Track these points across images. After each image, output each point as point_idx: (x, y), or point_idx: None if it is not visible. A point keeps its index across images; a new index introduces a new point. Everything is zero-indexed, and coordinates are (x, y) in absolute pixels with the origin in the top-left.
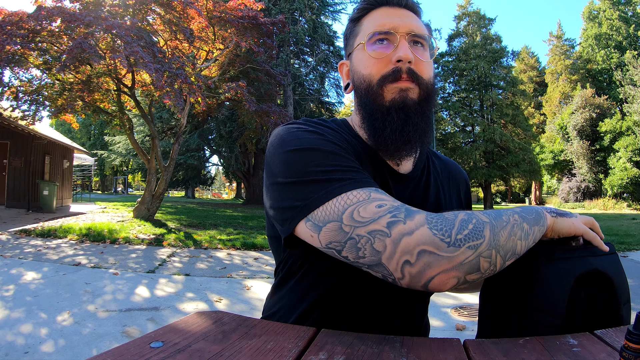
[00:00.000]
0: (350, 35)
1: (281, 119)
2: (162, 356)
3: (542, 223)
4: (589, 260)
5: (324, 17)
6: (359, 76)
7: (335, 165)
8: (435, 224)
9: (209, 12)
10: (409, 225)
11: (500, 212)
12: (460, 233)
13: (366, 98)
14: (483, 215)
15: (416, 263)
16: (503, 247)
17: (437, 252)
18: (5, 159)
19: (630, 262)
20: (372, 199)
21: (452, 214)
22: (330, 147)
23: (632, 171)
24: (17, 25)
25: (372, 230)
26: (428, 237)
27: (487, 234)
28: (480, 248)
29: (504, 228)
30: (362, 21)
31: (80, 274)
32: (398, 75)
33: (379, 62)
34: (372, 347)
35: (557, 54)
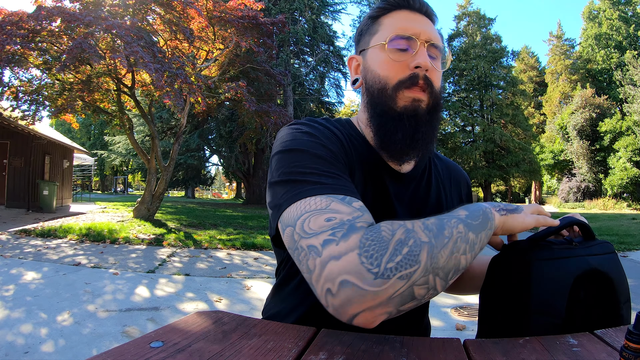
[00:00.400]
0: (366, 31)
1: (281, 119)
2: (162, 356)
3: (489, 226)
4: (588, 260)
5: (324, 17)
6: (373, 75)
7: (315, 168)
8: (367, 249)
9: (209, 12)
10: (340, 247)
11: (443, 224)
12: (392, 260)
13: (378, 99)
14: (423, 232)
15: (337, 295)
16: (443, 269)
17: (360, 285)
18: (5, 159)
19: (630, 262)
20: (327, 210)
21: (390, 231)
22: (318, 150)
23: (632, 171)
24: (17, 25)
25: (310, 246)
26: (353, 266)
27: (424, 258)
28: (414, 277)
29: (444, 247)
30: (381, 20)
31: (80, 274)
32: (415, 81)
33: (397, 66)
34: (372, 347)
35: (557, 54)
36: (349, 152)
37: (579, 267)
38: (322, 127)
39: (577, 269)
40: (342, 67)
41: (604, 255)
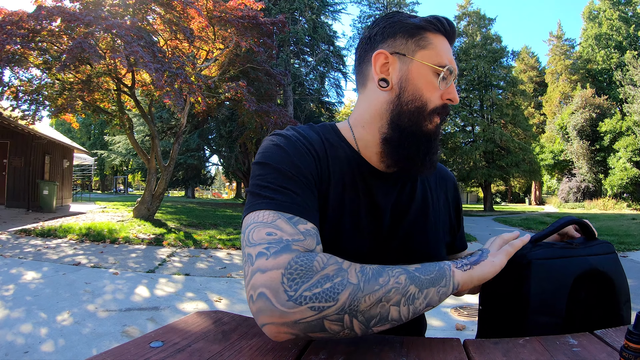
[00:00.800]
0: (409, 38)
1: (281, 118)
2: (162, 356)
3: (443, 283)
4: (588, 260)
5: (324, 17)
6: (415, 92)
7: (272, 183)
8: (292, 272)
9: (209, 11)
10: (269, 262)
11: (382, 271)
12: (310, 290)
13: (412, 116)
14: (357, 273)
15: (255, 303)
16: (364, 313)
17: (272, 302)
18: (5, 158)
19: (630, 262)
20: (271, 224)
21: (322, 263)
22: (282, 165)
23: (632, 171)
24: (17, 24)
25: (249, 254)
26: (274, 283)
27: (344, 297)
28: (327, 311)
29: (372, 293)
30: (429, 36)
31: (80, 273)
32: (446, 111)
33: (437, 92)
34: (372, 347)
35: (557, 54)
36: (324, 162)
37: (579, 267)
38: (297, 138)
39: (577, 269)
40: (342, 67)
41: (604, 255)
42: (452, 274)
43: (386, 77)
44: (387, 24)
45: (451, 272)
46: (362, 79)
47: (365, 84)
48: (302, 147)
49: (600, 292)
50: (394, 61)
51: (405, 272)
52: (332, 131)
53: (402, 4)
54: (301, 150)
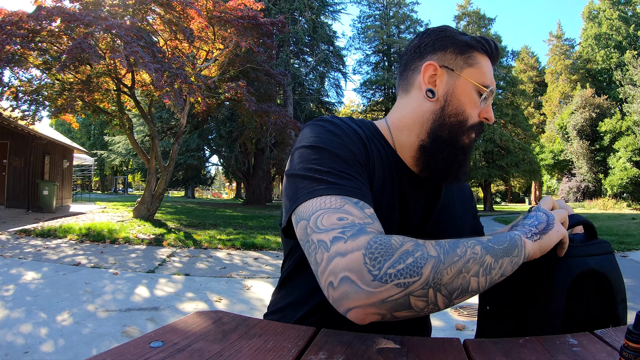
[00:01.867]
0: (459, 54)
1: (281, 118)
2: (162, 356)
3: (516, 253)
4: (586, 261)
5: (324, 17)
6: (459, 107)
7: (333, 168)
8: (373, 251)
9: (208, 12)
10: (348, 245)
11: (458, 243)
12: (394, 267)
13: (453, 128)
14: (434, 247)
15: (337, 288)
16: (447, 286)
17: (358, 284)
18: (5, 158)
19: (630, 262)
20: (341, 210)
21: (399, 240)
22: (339, 150)
23: (631, 171)
24: (16, 25)
25: (320, 240)
26: (356, 264)
27: (427, 271)
28: (412, 287)
29: (453, 264)
30: (476, 56)
31: (80, 273)
32: (481, 129)
33: (476, 110)
34: (372, 347)
35: (557, 53)
36: (370, 152)
37: (577, 267)
38: (346, 126)
39: (575, 269)
40: (341, 67)
41: (601, 255)
42: (523, 245)
43: (433, 88)
44: (438, 36)
45: (522, 243)
46: (406, 84)
47: (409, 90)
48: (353, 134)
49: (597, 291)
50: (442, 74)
51: (479, 243)
52: (372, 127)
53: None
54: (353, 137)
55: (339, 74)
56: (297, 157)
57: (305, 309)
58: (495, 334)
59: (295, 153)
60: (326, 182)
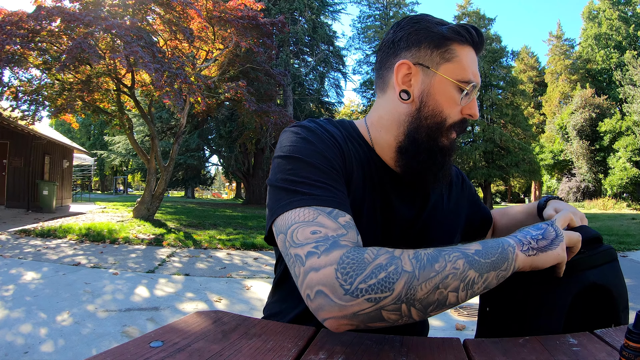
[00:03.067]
0: (434, 48)
1: (281, 118)
2: (161, 355)
3: (504, 267)
4: (587, 275)
5: (324, 17)
6: (436, 106)
7: (307, 178)
8: (345, 266)
9: (208, 12)
10: (321, 260)
11: (439, 256)
12: (365, 282)
13: (429, 130)
14: (410, 260)
15: (313, 301)
16: (421, 301)
17: (331, 297)
18: (5, 158)
19: (630, 262)
20: (314, 222)
21: (373, 254)
22: (312, 159)
23: (631, 171)
24: (16, 25)
25: (297, 255)
26: (329, 279)
27: (399, 287)
28: (384, 302)
29: (428, 280)
30: (455, 48)
31: (80, 273)
32: (464, 127)
33: (457, 107)
34: (372, 347)
35: (556, 54)
36: (348, 155)
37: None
38: (321, 131)
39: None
40: (341, 67)
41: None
42: (514, 258)
43: (408, 89)
44: (412, 30)
45: (514, 256)
46: (382, 83)
47: (385, 89)
48: (328, 139)
49: (599, 301)
50: (417, 72)
51: (463, 256)
52: (350, 127)
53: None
54: (327, 142)
55: (338, 74)
56: (275, 168)
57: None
58: (494, 335)
59: (273, 162)
60: (300, 193)
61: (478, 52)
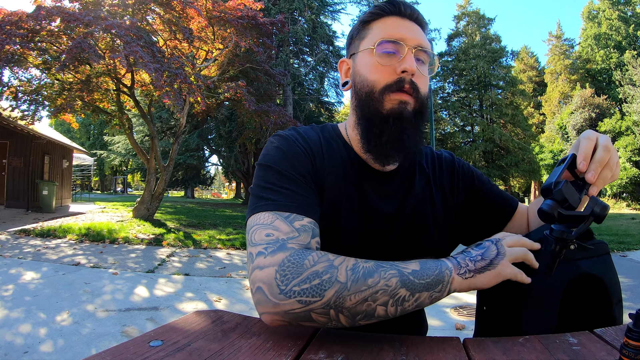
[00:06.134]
0: (356, 36)
1: (280, 118)
2: (161, 355)
3: (439, 289)
4: (580, 265)
5: (324, 17)
6: (361, 79)
7: (273, 184)
8: (285, 268)
9: (208, 11)
10: (266, 261)
11: (374, 272)
12: (299, 285)
13: (366, 102)
14: (347, 271)
15: (254, 295)
16: (349, 310)
17: (267, 295)
18: (5, 158)
19: (630, 262)
20: (270, 226)
21: (312, 260)
22: (280, 166)
23: (631, 171)
24: (16, 25)
25: (250, 253)
26: (268, 279)
27: (329, 294)
28: (313, 305)
29: (359, 292)
30: (371, 25)
31: (80, 273)
32: (401, 85)
33: (384, 70)
34: (372, 346)
35: (556, 53)
36: (323, 158)
37: (571, 272)
38: (295, 138)
39: (569, 274)
40: None
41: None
42: (450, 281)
43: (348, 79)
44: (349, 33)
45: (450, 279)
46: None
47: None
48: (299, 146)
49: (593, 293)
50: (350, 63)
51: (398, 275)
52: (332, 130)
53: None
54: (297, 149)
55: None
56: (254, 175)
57: None
58: (492, 334)
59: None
60: (265, 199)
61: (404, 16)
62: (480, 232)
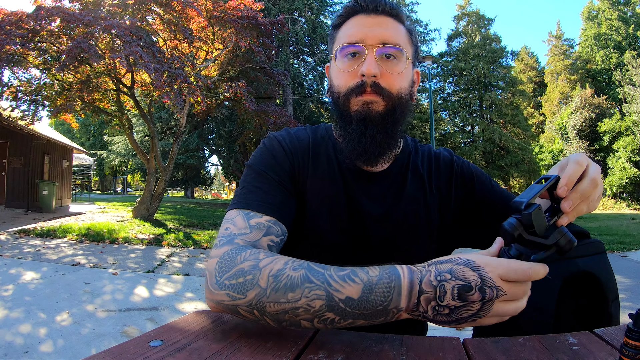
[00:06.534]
0: (330, 41)
1: (280, 118)
2: (161, 355)
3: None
4: (575, 262)
5: (324, 17)
6: (331, 84)
7: (249, 183)
8: (222, 261)
9: (208, 12)
10: (214, 252)
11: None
12: (229, 280)
13: (335, 106)
14: (269, 277)
15: (204, 280)
16: (273, 315)
17: (208, 282)
18: (5, 158)
19: (630, 262)
20: (231, 221)
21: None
22: (259, 166)
23: (631, 171)
24: (16, 25)
25: (214, 243)
26: (211, 268)
27: (251, 296)
28: (239, 302)
29: (277, 303)
30: (340, 29)
31: (80, 273)
32: (363, 89)
33: (347, 75)
34: (372, 346)
35: (556, 54)
36: (304, 159)
37: (567, 269)
38: (281, 138)
39: (565, 271)
40: None
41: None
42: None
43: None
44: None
45: (396, 316)
46: None
47: None
48: (279, 147)
49: (589, 290)
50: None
51: (325, 299)
52: (325, 131)
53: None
54: (277, 149)
55: None
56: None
57: None
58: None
59: None
60: (237, 197)
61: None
62: (480, 234)
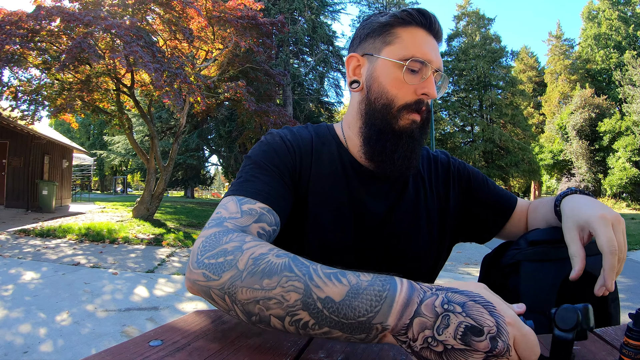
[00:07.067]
0: (377, 36)
1: (280, 118)
2: (161, 354)
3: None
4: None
5: (324, 17)
6: (380, 89)
7: (246, 172)
8: (206, 241)
9: (208, 11)
10: (204, 232)
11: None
12: (208, 259)
13: (380, 114)
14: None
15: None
16: (243, 305)
17: (190, 261)
18: (5, 158)
19: (630, 262)
20: (223, 206)
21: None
22: (258, 157)
23: (631, 171)
24: (16, 24)
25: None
26: (196, 247)
27: (225, 278)
28: (212, 283)
29: (250, 289)
30: (397, 31)
31: (79, 273)
32: (419, 107)
33: (407, 87)
34: (372, 346)
35: (556, 54)
36: (306, 157)
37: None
38: (283, 134)
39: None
40: (341, 67)
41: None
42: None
43: (358, 78)
44: (361, 26)
45: (379, 336)
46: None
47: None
48: (281, 142)
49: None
50: (364, 62)
51: (302, 292)
52: (327, 129)
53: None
54: (279, 144)
55: (338, 74)
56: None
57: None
58: None
59: None
60: (233, 185)
61: (431, 31)
62: (479, 233)
